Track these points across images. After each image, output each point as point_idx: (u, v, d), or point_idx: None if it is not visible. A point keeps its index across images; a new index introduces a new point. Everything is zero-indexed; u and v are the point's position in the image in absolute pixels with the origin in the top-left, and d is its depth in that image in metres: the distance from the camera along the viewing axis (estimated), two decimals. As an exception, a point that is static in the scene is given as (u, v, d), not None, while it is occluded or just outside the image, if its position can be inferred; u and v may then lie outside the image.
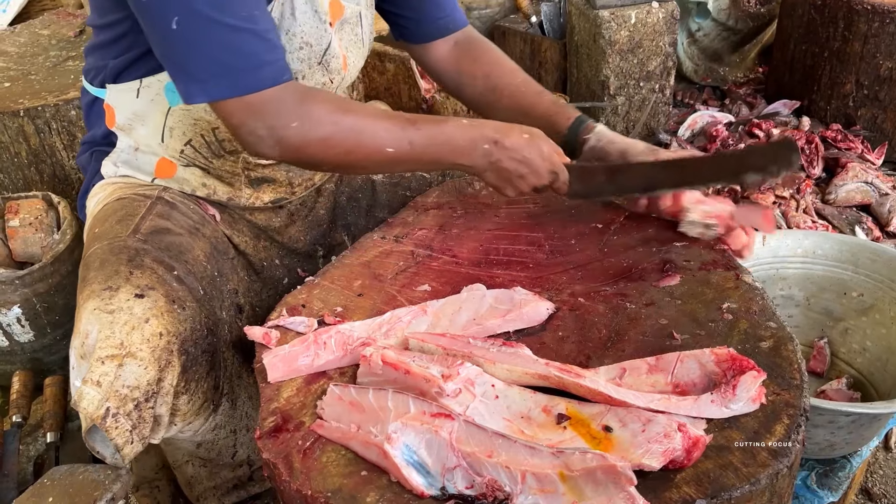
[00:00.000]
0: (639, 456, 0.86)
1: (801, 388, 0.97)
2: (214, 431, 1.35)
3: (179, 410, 1.21)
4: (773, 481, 0.87)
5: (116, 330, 1.13)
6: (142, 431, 1.13)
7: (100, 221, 1.38)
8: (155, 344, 1.14)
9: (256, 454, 1.51)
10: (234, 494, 1.55)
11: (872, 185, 2.59)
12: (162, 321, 1.16)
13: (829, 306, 1.84)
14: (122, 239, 1.28)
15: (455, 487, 0.87)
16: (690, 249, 1.27)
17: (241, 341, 1.40)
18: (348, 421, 0.97)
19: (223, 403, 1.33)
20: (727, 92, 3.53)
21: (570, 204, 1.42)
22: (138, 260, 1.24)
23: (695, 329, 1.09)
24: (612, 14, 2.82)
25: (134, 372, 1.11)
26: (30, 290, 1.92)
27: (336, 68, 1.39)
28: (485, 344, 1.06)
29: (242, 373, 1.40)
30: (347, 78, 1.45)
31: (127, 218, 1.34)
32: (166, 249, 1.29)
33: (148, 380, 1.12)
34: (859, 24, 2.81)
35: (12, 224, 2.05)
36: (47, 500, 1.10)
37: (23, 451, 1.76)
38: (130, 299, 1.16)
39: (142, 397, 1.12)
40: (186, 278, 1.27)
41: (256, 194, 1.50)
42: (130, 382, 1.11)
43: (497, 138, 1.26)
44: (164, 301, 1.18)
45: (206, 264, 1.36)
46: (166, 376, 1.15)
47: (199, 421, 1.28)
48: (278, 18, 1.25)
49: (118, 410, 1.09)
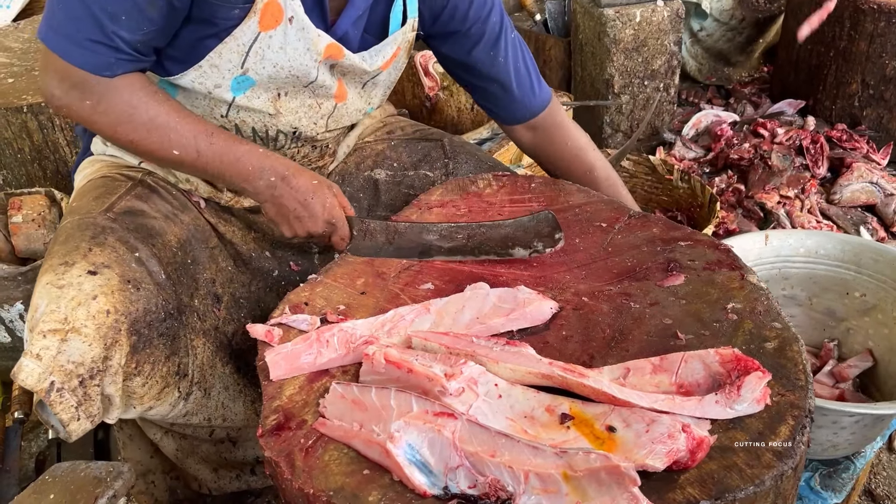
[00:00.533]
0: (642, 456, 0.85)
1: (806, 389, 0.96)
2: (185, 417, 1.35)
3: (135, 393, 1.20)
4: (777, 483, 0.87)
5: (62, 305, 1.13)
6: (88, 409, 1.13)
7: (79, 196, 1.39)
8: (101, 321, 1.13)
9: (236, 432, 1.50)
10: (234, 483, 1.55)
11: (878, 186, 2.58)
12: (111, 299, 1.15)
13: (831, 306, 1.83)
14: (93, 216, 1.29)
15: (458, 487, 0.87)
16: (695, 249, 1.26)
17: (216, 331, 1.40)
18: (351, 419, 0.97)
19: (194, 392, 1.32)
20: (732, 91, 3.52)
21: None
22: (101, 238, 1.24)
23: (699, 329, 1.09)
24: (616, 12, 2.81)
25: (78, 348, 1.11)
26: (32, 287, 1.91)
27: (325, 94, 1.41)
28: (488, 343, 1.06)
29: (216, 362, 1.39)
30: (344, 112, 1.48)
31: (104, 196, 1.35)
32: (134, 231, 1.29)
33: (92, 357, 1.12)
34: (865, 23, 2.80)
35: (15, 220, 2.05)
36: (49, 497, 1.10)
37: (24, 448, 1.77)
38: (82, 275, 1.16)
39: (86, 374, 1.12)
40: (148, 261, 1.27)
41: (237, 198, 1.51)
42: (75, 358, 1.11)
43: (286, 175, 1.30)
44: (117, 280, 1.18)
45: (176, 250, 1.36)
46: (113, 355, 1.15)
47: (164, 407, 1.28)
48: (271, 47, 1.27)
49: (63, 385, 1.10)
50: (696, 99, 3.45)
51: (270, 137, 1.42)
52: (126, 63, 1.21)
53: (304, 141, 1.48)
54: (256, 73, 1.29)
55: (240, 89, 1.32)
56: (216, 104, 1.34)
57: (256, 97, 1.34)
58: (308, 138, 1.47)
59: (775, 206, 2.54)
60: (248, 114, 1.37)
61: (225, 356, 1.41)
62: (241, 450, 1.55)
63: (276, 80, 1.32)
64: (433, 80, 2.89)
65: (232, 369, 1.43)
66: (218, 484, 1.55)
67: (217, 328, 1.41)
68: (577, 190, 1.50)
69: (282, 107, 1.37)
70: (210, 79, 1.28)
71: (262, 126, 1.40)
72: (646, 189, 2.41)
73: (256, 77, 1.30)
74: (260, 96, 1.34)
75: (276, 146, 1.44)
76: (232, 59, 1.26)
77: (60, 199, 2.08)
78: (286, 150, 1.47)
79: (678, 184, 2.28)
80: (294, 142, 1.46)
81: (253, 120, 1.38)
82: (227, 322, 1.44)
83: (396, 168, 1.66)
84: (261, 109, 1.36)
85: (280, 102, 1.36)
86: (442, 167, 1.65)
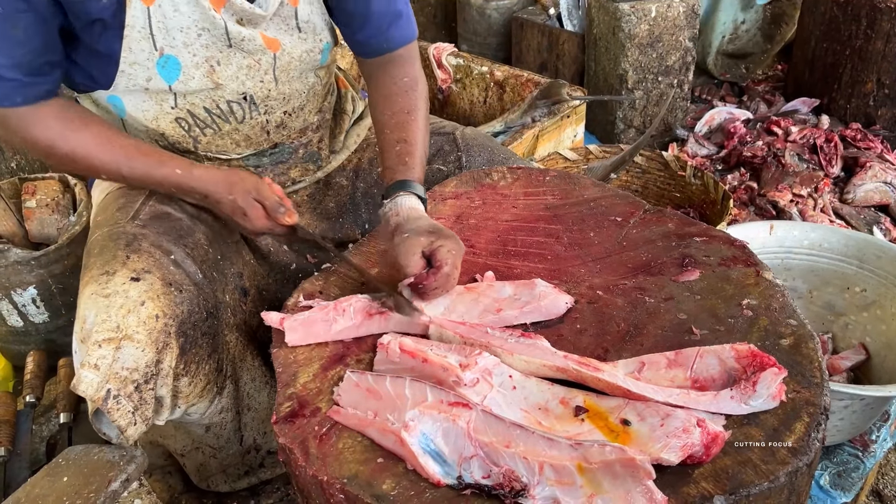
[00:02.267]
0: (657, 450, 0.85)
1: (821, 386, 0.96)
2: (221, 414, 1.36)
3: (181, 392, 1.22)
4: (792, 479, 0.86)
5: (112, 313, 1.14)
6: (144, 413, 1.15)
7: (102, 210, 1.40)
8: (151, 326, 1.15)
9: (262, 437, 1.51)
10: (244, 480, 1.56)
11: (891, 186, 2.57)
12: (158, 304, 1.17)
13: (831, 300, 1.83)
14: (122, 225, 1.30)
15: (472, 477, 0.87)
16: (710, 245, 1.26)
17: (245, 324, 1.41)
18: (365, 408, 0.97)
19: (227, 385, 1.34)
20: (746, 89, 3.50)
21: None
22: (135, 245, 1.25)
23: (714, 325, 1.08)
24: (632, 7, 2.80)
25: (132, 354, 1.12)
26: (45, 272, 1.93)
27: (256, 49, 1.34)
28: (503, 334, 1.06)
29: (246, 355, 1.40)
30: (287, 59, 1.39)
31: (127, 205, 1.37)
32: (165, 234, 1.30)
33: (146, 362, 1.14)
34: (882, 22, 2.78)
35: (29, 205, 2.06)
36: (62, 480, 1.11)
37: (36, 432, 1.77)
38: (126, 283, 1.18)
39: (141, 379, 1.13)
40: (184, 262, 1.28)
41: None
42: (129, 365, 1.12)
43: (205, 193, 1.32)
44: (160, 284, 1.20)
45: (207, 248, 1.37)
46: (164, 358, 1.16)
47: (204, 403, 1.29)
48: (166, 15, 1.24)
49: (119, 392, 1.11)
50: (709, 96, 3.44)
51: (225, 112, 1.38)
52: (22, 88, 1.20)
53: (266, 107, 1.41)
54: (171, 46, 1.25)
55: (170, 74, 1.28)
56: (161, 98, 1.32)
57: (191, 79, 1.30)
58: (265, 99, 1.40)
59: (788, 204, 2.53)
60: (193, 96, 1.33)
61: (254, 349, 1.42)
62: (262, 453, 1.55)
63: (195, 49, 1.28)
64: (446, 73, 2.89)
65: (260, 361, 1.44)
66: (229, 485, 1.56)
67: (245, 322, 1.41)
68: (591, 184, 1.49)
69: (219, 77, 1.33)
70: (138, 75, 1.27)
71: (212, 104, 1.36)
72: (658, 185, 2.40)
73: (174, 52, 1.26)
74: (193, 76, 1.30)
75: (239, 121, 1.40)
76: (143, 48, 1.24)
77: (74, 184, 2.09)
78: (253, 121, 1.42)
79: (691, 180, 2.28)
80: (254, 108, 1.40)
81: (202, 101, 1.34)
82: (252, 315, 1.44)
83: None
84: (201, 89, 1.32)
85: (216, 74, 1.32)
86: (455, 161, 1.64)
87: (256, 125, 1.43)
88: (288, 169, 1.54)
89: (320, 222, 1.61)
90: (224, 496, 1.57)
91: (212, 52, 1.30)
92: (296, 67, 1.42)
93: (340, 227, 1.62)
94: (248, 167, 1.48)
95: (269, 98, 1.41)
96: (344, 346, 1.12)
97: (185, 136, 1.38)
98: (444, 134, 1.68)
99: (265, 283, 1.53)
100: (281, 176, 1.53)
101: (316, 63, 1.45)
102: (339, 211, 1.63)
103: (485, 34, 3.56)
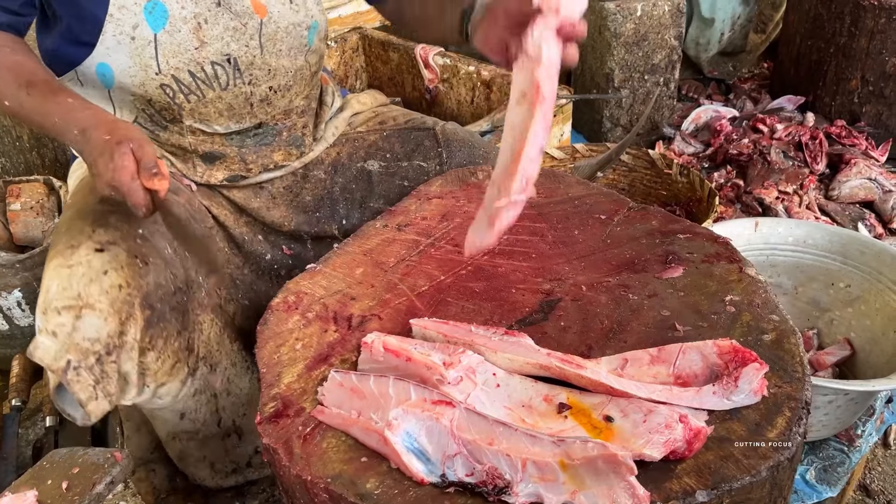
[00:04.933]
0: (640, 446, 0.85)
1: (803, 381, 0.96)
2: (195, 397, 1.35)
3: (149, 369, 1.20)
4: (773, 473, 0.87)
5: (74, 282, 1.13)
6: (106, 387, 1.13)
7: (75, 194, 1.40)
8: (114, 296, 1.13)
9: (242, 418, 1.51)
10: (231, 478, 1.55)
11: (876, 182, 2.59)
12: (122, 274, 1.16)
13: (816, 296, 1.85)
14: (90, 205, 1.29)
15: (455, 475, 0.87)
16: (694, 242, 1.27)
17: (220, 309, 1.40)
18: (349, 407, 0.97)
19: (200, 367, 1.32)
20: (732, 87, 3.52)
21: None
22: (103, 220, 1.24)
23: (697, 321, 1.09)
24: (618, 6, 2.81)
25: (93, 324, 1.11)
26: (30, 274, 1.92)
27: (242, 11, 1.36)
28: (487, 332, 1.06)
29: (224, 339, 1.39)
30: (273, 28, 1.41)
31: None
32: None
33: (108, 332, 1.12)
34: (866, 19, 2.80)
35: (13, 207, 2.05)
36: (46, 483, 1.10)
37: (22, 435, 1.76)
38: (90, 254, 1.17)
39: (103, 350, 1.12)
40: (153, 237, 1.26)
41: (210, 171, 1.50)
42: (90, 335, 1.11)
43: (86, 127, 1.17)
44: (125, 255, 1.18)
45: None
46: (128, 329, 1.14)
47: (175, 384, 1.28)
48: None
49: (79, 364, 1.09)
50: (695, 94, 3.45)
51: (210, 76, 1.37)
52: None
53: (251, 77, 1.41)
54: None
55: (157, 22, 1.28)
56: (146, 63, 1.31)
57: (177, 31, 1.30)
58: (248, 66, 1.40)
59: (774, 201, 2.54)
60: (176, 58, 1.32)
61: (232, 333, 1.41)
62: (245, 443, 1.55)
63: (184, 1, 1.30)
64: (433, 73, 2.89)
65: (239, 346, 1.43)
66: (216, 481, 1.55)
67: (221, 306, 1.41)
68: (576, 182, 1.49)
69: (205, 35, 1.33)
70: (125, 21, 1.27)
71: (195, 66, 1.35)
72: (645, 183, 2.40)
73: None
74: (180, 29, 1.31)
75: (223, 87, 1.39)
76: None
77: (59, 187, 2.08)
78: (237, 89, 1.41)
79: (677, 178, 2.28)
80: (238, 76, 1.40)
81: (184, 63, 1.33)
82: (227, 301, 1.44)
83: (389, 159, 1.65)
84: (184, 42, 1.32)
85: (202, 32, 1.33)
86: (436, 157, 1.64)
87: (240, 95, 1.42)
88: (271, 151, 1.54)
89: (297, 215, 1.61)
90: (209, 496, 1.57)
91: (200, 8, 1.31)
92: (282, 39, 1.43)
93: (317, 221, 1.62)
94: (231, 146, 1.48)
95: (253, 66, 1.41)
96: (328, 346, 1.12)
97: (170, 104, 1.37)
98: (424, 129, 1.68)
99: (238, 273, 1.53)
100: (264, 158, 1.53)
101: (303, 41, 1.46)
102: (317, 205, 1.62)
103: (472, 34, 3.56)
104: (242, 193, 1.55)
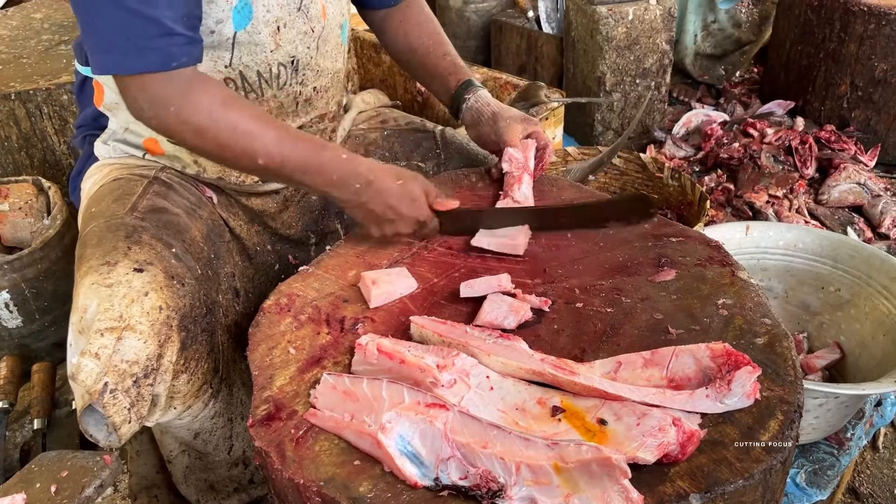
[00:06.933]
0: (633, 449, 0.85)
1: (795, 384, 0.97)
2: (213, 419, 1.34)
3: (179, 392, 1.19)
4: (766, 477, 0.87)
5: (115, 303, 1.11)
6: (139, 410, 1.11)
7: (96, 201, 1.36)
8: (154, 318, 1.12)
9: (252, 450, 1.49)
10: (234, 498, 1.53)
11: (865, 187, 2.60)
12: (161, 295, 1.14)
13: (806, 300, 1.86)
14: (120, 217, 1.27)
15: (449, 478, 0.87)
16: (686, 245, 1.27)
17: (236, 326, 1.39)
18: (342, 410, 0.96)
19: (223, 389, 1.32)
20: (723, 91, 3.54)
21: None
22: (136, 236, 1.22)
23: (690, 324, 1.09)
24: (609, 10, 2.82)
25: (133, 346, 1.09)
26: (19, 276, 1.90)
27: (315, 15, 1.39)
28: (481, 335, 1.06)
29: (237, 357, 1.38)
30: (328, 30, 1.43)
31: (124, 197, 1.33)
32: (164, 227, 1.28)
33: (147, 354, 1.10)
34: (855, 25, 2.82)
35: (2, 208, 2.03)
36: (35, 486, 1.09)
37: (9, 438, 1.74)
38: (129, 273, 1.15)
39: (141, 373, 1.10)
40: (184, 256, 1.25)
41: (246, 175, 1.49)
42: (129, 357, 1.09)
43: (371, 179, 1.25)
44: (162, 276, 1.17)
45: (203, 245, 1.35)
46: (166, 352, 1.13)
47: (199, 405, 1.27)
48: None
49: (116, 386, 1.07)
50: (686, 98, 3.47)
51: (273, 76, 1.38)
52: (185, 47, 1.15)
53: (302, 75, 1.43)
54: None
55: (241, 21, 1.28)
56: (219, 55, 1.30)
57: (257, 32, 1.30)
58: (304, 67, 1.42)
59: (764, 205, 2.55)
60: (250, 56, 1.32)
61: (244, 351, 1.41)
62: (251, 469, 1.52)
63: (269, 5, 1.29)
64: (425, 75, 2.88)
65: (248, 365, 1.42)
66: (218, 501, 1.53)
67: (237, 323, 1.40)
68: (569, 185, 1.50)
69: (281, 39, 1.34)
70: (211, 15, 1.24)
71: (265, 66, 1.35)
72: (636, 187, 2.41)
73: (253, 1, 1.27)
74: (261, 31, 1.30)
75: (280, 87, 1.40)
76: None
77: (48, 187, 2.06)
78: (291, 88, 1.42)
79: (668, 182, 2.29)
80: (294, 76, 1.41)
81: (255, 63, 1.34)
82: (243, 317, 1.43)
83: (389, 158, 1.66)
84: (262, 44, 1.32)
85: (280, 35, 1.34)
86: (434, 158, 1.65)
87: (291, 93, 1.44)
88: None
89: (304, 215, 1.61)
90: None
91: (282, 13, 1.33)
92: (330, 39, 1.47)
93: (322, 219, 1.63)
94: None
95: (308, 66, 1.43)
96: (321, 348, 1.12)
97: None
98: (425, 131, 1.71)
99: (251, 285, 1.52)
100: None
101: (338, 39, 1.50)
102: (322, 204, 1.64)
103: (464, 37, 3.57)
104: (260, 199, 1.55)
